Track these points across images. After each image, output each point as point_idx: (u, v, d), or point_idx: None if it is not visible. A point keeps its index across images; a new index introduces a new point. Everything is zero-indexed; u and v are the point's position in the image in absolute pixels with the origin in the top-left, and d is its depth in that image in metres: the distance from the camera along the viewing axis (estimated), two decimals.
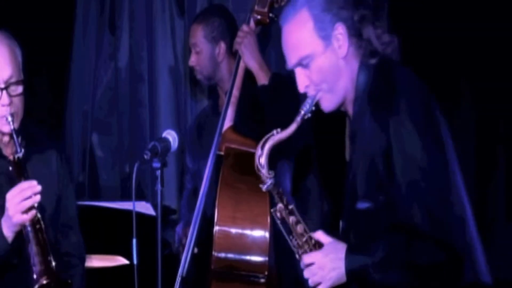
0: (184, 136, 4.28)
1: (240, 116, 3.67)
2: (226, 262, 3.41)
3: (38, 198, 2.81)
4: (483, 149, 4.07)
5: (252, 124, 3.63)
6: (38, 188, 2.81)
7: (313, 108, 2.55)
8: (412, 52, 2.75)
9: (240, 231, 3.42)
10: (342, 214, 2.65)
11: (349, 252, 2.48)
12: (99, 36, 4.97)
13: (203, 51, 3.94)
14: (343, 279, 2.50)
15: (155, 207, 3.87)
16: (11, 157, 2.93)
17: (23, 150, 2.90)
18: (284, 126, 2.72)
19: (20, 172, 2.90)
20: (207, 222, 3.54)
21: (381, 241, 2.47)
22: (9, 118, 2.91)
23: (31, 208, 2.80)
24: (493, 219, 4.03)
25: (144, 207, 4.12)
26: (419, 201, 2.40)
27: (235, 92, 3.69)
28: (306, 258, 2.55)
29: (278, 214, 2.62)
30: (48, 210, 3.02)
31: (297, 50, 2.54)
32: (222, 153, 3.59)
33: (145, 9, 4.88)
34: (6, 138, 2.97)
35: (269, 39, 4.57)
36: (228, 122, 3.63)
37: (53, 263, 2.79)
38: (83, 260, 3.16)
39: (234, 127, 3.64)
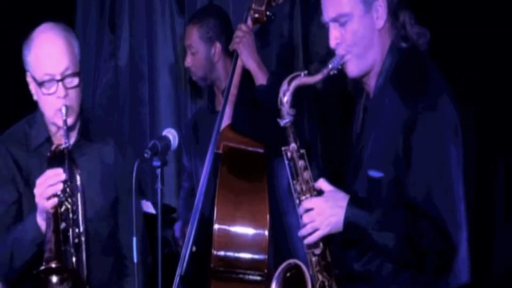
0: (180, 134, 4.28)
1: (238, 114, 3.67)
2: (225, 260, 3.42)
3: (60, 186, 2.84)
4: (483, 149, 4.07)
5: (250, 122, 3.64)
6: (62, 176, 2.85)
7: (340, 67, 2.62)
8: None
9: (239, 229, 3.42)
10: (345, 180, 2.69)
11: (351, 203, 2.55)
12: (99, 35, 4.98)
13: (199, 52, 3.94)
14: (340, 228, 2.55)
15: (155, 205, 3.88)
16: (53, 147, 2.97)
17: (68, 143, 2.92)
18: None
19: (51, 163, 2.93)
20: (205, 221, 3.54)
21: (384, 205, 2.52)
22: (63, 110, 2.92)
23: (54, 195, 2.84)
24: (492, 219, 4.03)
25: (144, 206, 4.12)
26: (431, 188, 2.47)
27: (233, 90, 3.69)
28: (306, 203, 2.61)
29: (289, 154, 2.67)
30: (98, 205, 3.04)
31: (338, 6, 2.60)
32: (220, 151, 3.59)
33: (145, 7, 4.88)
34: (62, 131, 2.97)
35: (269, 39, 4.58)
36: (226, 121, 3.63)
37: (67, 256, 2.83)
38: (144, 266, 3.12)
39: (232, 125, 3.64)
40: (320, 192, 2.63)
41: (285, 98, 2.64)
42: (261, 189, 3.49)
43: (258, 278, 3.42)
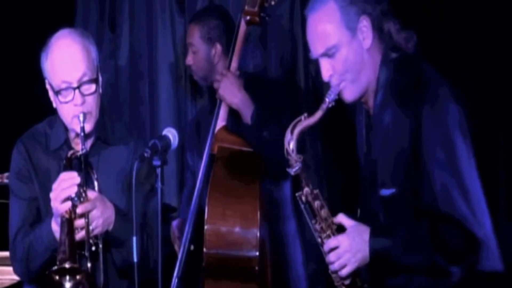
0: (184, 132, 4.28)
1: (233, 115, 3.67)
2: (217, 259, 3.43)
3: (75, 189, 2.83)
4: (483, 149, 4.06)
5: (245, 123, 3.63)
6: (77, 180, 2.83)
7: (337, 97, 2.62)
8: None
9: (230, 228, 3.43)
10: (359, 202, 2.68)
11: (373, 234, 2.54)
12: (99, 35, 4.96)
13: (199, 51, 3.95)
14: (367, 260, 2.56)
15: None
16: (69, 154, 2.96)
17: (85, 149, 2.91)
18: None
19: (67, 170, 2.91)
20: (203, 221, 3.53)
21: (404, 224, 2.53)
22: (81, 117, 2.90)
23: (68, 198, 2.83)
24: (493, 219, 4.03)
25: None
26: (447, 188, 2.47)
27: None
28: (331, 242, 2.60)
29: (304, 198, 2.67)
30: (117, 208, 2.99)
31: (324, 40, 2.61)
32: (215, 152, 3.59)
33: (145, 7, 4.88)
34: (79, 137, 2.96)
35: (269, 39, 4.58)
36: (221, 122, 3.63)
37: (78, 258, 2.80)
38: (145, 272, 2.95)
39: (227, 127, 3.64)
40: (340, 227, 2.63)
41: (291, 147, 2.65)
42: (253, 187, 3.49)
43: (250, 275, 3.43)
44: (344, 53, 2.59)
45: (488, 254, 2.51)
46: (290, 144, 2.64)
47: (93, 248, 2.90)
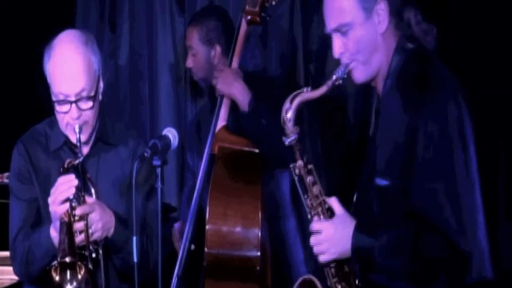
0: (184, 132, 4.29)
1: (233, 115, 3.67)
2: (218, 259, 3.43)
3: (73, 190, 2.82)
4: (483, 149, 4.06)
5: (242, 111, 3.64)
6: (74, 182, 2.83)
7: (345, 76, 2.59)
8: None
9: (231, 228, 3.44)
10: (358, 187, 2.67)
11: (357, 231, 2.52)
12: (99, 34, 4.96)
13: (199, 53, 3.95)
14: (348, 255, 2.53)
15: None
16: (65, 163, 2.94)
17: (82, 158, 2.90)
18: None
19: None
20: (204, 221, 3.54)
21: (389, 225, 2.49)
22: (76, 129, 2.89)
23: (66, 200, 2.82)
24: (493, 219, 4.03)
25: None
26: (435, 197, 2.42)
27: None
28: (316, 225, 2.58)
29: (297, 171, 2.64)
30: (116, 211, 2.99)
31: (339, 16, 2.58)
32: (215, 152, 3.59)
33: (145, 7, 4.89)
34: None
35: (269, 38, 4.58)
36: (221, 122, 3.63)
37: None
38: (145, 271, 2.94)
39: (227, 127, 3.65)
40: (330, 210, 2.60)
41: (288, 116, 2.61)
42: (254, 187, 3.50)
43: (251, 275, 3.43)
44: (357, 33, 2.57)
45: (476, 267, 2.46)
46: (288, 113, 2.61)
47: (94, 255, 2.89)
